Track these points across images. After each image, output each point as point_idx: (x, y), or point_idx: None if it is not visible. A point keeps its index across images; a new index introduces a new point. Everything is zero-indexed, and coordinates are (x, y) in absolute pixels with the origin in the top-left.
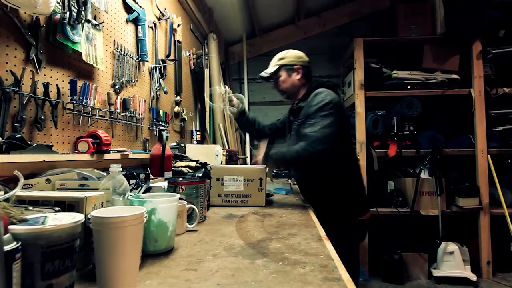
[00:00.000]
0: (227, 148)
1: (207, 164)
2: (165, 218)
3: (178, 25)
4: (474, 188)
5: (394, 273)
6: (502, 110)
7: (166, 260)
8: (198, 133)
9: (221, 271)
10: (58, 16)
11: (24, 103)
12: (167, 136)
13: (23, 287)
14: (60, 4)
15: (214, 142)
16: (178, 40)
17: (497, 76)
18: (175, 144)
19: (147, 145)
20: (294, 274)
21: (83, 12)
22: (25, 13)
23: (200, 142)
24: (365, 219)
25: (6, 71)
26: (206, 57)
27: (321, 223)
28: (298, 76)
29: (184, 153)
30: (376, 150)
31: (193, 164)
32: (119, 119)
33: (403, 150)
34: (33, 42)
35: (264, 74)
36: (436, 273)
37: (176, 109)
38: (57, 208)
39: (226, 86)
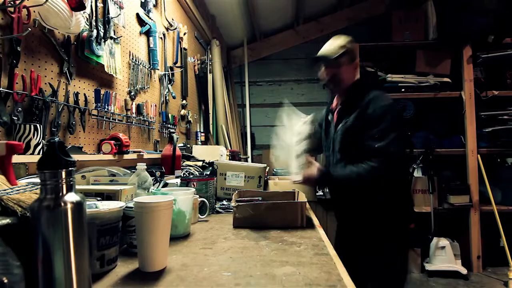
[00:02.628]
0: (229, 148)
1: (214, 163)
2: (184, 208)
3: (184, 34)
4: (464, 186)
5: None
6: (491, 112)
7: (185, 242)
8: (202, 134)
9: (232, 249)
10: (85, 34)
11: (59, 110)
12: (177, 138)
13: None
14: (88, 23)
15: (217, 143)
16: (184, 48)
17: (487, 79)
18: (182, 145)
19: (157, 146)
20: (291, 251)
21: (106, 29)
22: (59, 32)
23: (204, 143)
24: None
25: (45, 83)
26: (210, 63)
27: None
28: (357, 68)
29: (191, 153)
30: None
31: (200, 163)
32: (134, 122)
33: None
34: (65, 57)
35: (325, 53)
36: (429, 267)
37: (183, 112)
38: (98, 198)
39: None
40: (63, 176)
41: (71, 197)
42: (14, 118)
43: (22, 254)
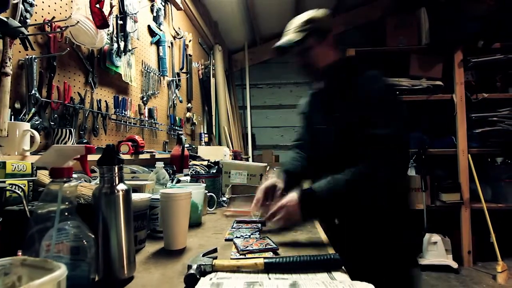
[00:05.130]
0: (231, 149)
1: (219, 162)
2: (196, 200)
3: (190, 41)
4: (456, 185)
5: None
6: (481, 114)
7: (198, 229)
8: (205, 135)
9: None
10: (106, 47)
11: (86, 116)
12: (185, 139)
13: None
14: (109, 38)
15: (219, 144)
16: (189, 54)
17: (477, 82)
18: (188, 145)
19: (166, 146)
20: (289, 235)
21: (126, 43)
22: (85, 47)
23: (207, 143)
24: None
25: (74, 92)
26: (213, 68)
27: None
28: (333, 46)
29: (196, 153)
30: None
31: (205, 162)
32: (146, 125)
33: None
34: (90, 69)
35: (285, 42)
36: (422, 261)
37: (188, 114)
38: None
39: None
40: (116, 170)
41: (121, 186)
42: (52, 123)
43: None
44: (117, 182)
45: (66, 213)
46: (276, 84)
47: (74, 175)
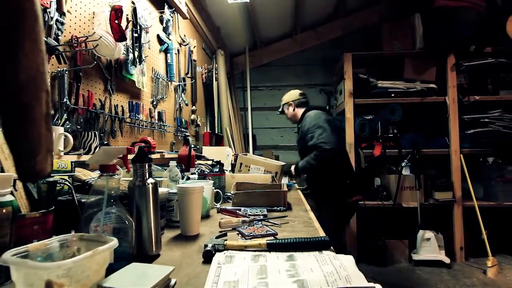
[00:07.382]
0: (234, 149)
1: (222, 163)
2: (205, 195)
3: (194, 47)
4: (448, 184)
5: (379, 257)
6: (473, 115)
7: (208, 220)
8: None
9: None
10: (122, 57)
11: (105, 119)
12: (191, 140)
13: None
14: (125, 49)
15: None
16: (194, 59)
17: (470, 85)
18: (193, 146)
19: (173, 147)
20: (288, 225)
21: (140, 53)
22: (104, 58)
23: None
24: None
25: (96, 99)
26: (216, 72)
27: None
28: (292, 108)
29: (201, 153)
30: (363, 151)
31: (209, 162)
32: (156, 128)
33: (387, 150)
34: (108, 77)
35: (277, 112)
36: (415, 257)
37: (192, 117)
38: None
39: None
40: (146, 167)
41: (150, 180)
42: (78, 127)
43: None
44: (147, 177)
45: (112, 200)
46: (276, 87)
47: None
